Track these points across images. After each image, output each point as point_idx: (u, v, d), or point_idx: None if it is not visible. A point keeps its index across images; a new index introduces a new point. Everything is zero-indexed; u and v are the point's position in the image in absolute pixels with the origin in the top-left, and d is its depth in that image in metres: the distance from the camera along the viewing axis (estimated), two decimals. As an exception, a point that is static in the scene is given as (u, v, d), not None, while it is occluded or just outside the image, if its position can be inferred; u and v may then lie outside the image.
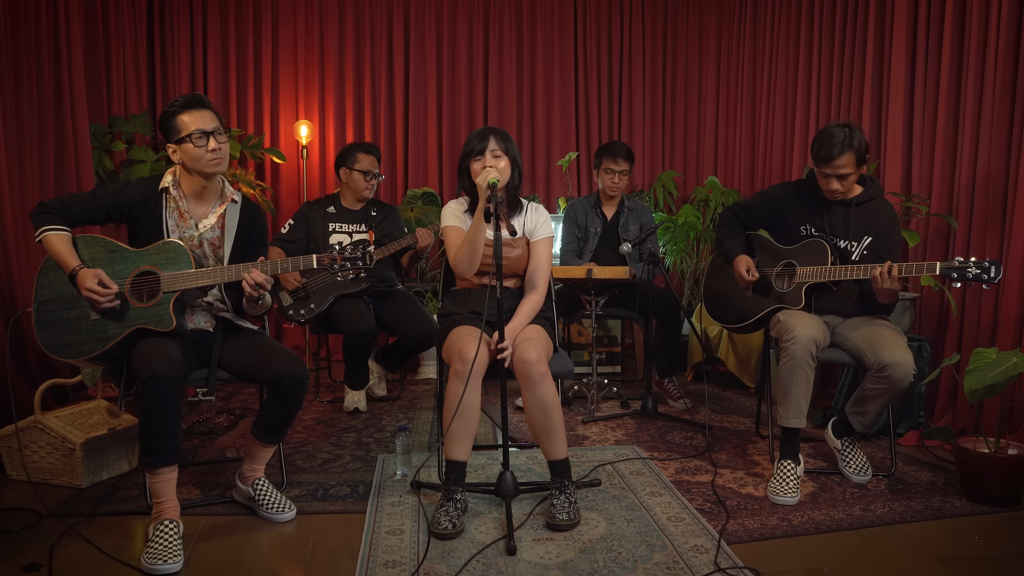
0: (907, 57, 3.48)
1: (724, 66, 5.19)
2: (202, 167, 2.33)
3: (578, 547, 2.16)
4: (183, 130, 2.29)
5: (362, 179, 3.67)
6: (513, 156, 2.55)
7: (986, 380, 2.43)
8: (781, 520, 2.36)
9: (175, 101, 2.32)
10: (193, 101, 2.31)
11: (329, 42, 4.89)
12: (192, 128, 2.28)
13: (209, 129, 2.29)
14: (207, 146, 2.29)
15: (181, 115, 2.29)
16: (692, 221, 4.67)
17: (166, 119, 2.31)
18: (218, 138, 2.31)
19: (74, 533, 2.24)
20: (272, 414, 2.36)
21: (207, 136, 2.29)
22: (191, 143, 2.28)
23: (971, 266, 2.33)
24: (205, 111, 2.31)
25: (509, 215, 2.59)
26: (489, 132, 2.53)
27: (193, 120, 2.29)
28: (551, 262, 2.64)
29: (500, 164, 2.50)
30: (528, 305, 2.54)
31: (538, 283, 2.58)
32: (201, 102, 2.32)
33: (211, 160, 2.31)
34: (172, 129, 2.31)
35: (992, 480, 2.46)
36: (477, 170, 2.50)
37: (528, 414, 2.38)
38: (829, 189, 2.69)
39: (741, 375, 4.03)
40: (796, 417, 2.58)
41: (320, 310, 3.56)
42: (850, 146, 2.60)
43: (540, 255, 2.59)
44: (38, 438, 2.67)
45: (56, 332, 2.31)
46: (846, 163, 2.62)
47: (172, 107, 2.31)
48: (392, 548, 2.17)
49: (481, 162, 2.50)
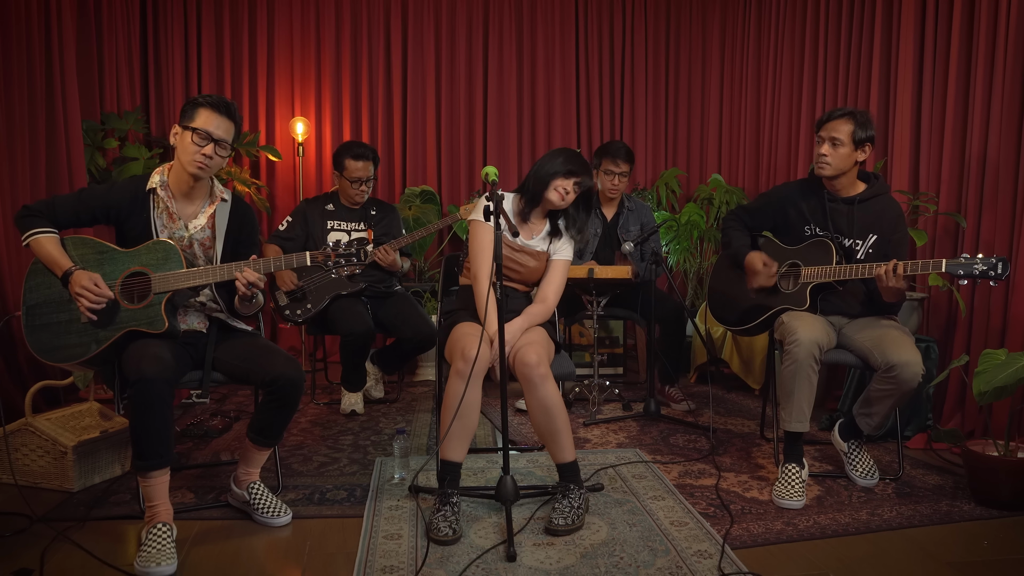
0: (915, 52, 3.45)
1: (728, 61, 5.14)
2: (185, 162, 2.30)
3: (579, 552, 2.14)
4: (194, 121, 2.27)
5: (350, 187, 3.63)
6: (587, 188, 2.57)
7: (995, 382, 2.41)
8: (786, 525, 2.34)
9: (210, 95, 2.31)
10: (222, 104, 2.29)
11: (326, 37, 4.85)
12: (201, 126, 2.26)
13: (216, 136, 2.27)
14: (202, 148, 2.27)
15: (203, 108, 2.27)
16: (695, 220, 4.63)
17: (191, 103, 2.30)
18: (218, 148, 2.29)
19: (65, 538, 2.21)
20: (267, 416, 2.33)
21: (209, 140, 2.26)
22: (192, 136, 2.26)
23: (978, 263, 2.31)
24: (226, 119, 2.29)
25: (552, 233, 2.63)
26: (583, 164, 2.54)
27: (208, 120, 2.26)
28: (564, 283, 2.67)
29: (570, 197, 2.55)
30: (536, 309, 2.56)
31: (548, 297, 2.61)
32: (229, 111, 2.30)
33: (197, 161, 2.28)
34: (187, 114, 2.29)
35: (1001, 484, 2.44)
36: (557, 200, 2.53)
37: (532, 417, 2.36)
38: (818, 154, 2.66)
39: (746, 377, 3.99)
40: (799, 421, 2.56)
41: (317, 310, 3.53)
42: (850, 114, 2.60)
43: (556, 272, 2.64)
44: (29, 441, 2.64)
45: (46, 336, 2.28)
46: (841, 129, 2.60)
47: (203, 97, 2.30)
48: (390, 553, 2.14)
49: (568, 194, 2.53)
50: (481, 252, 2.52)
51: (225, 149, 2.30)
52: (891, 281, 2.42)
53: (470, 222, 2.59)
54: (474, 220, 2.56)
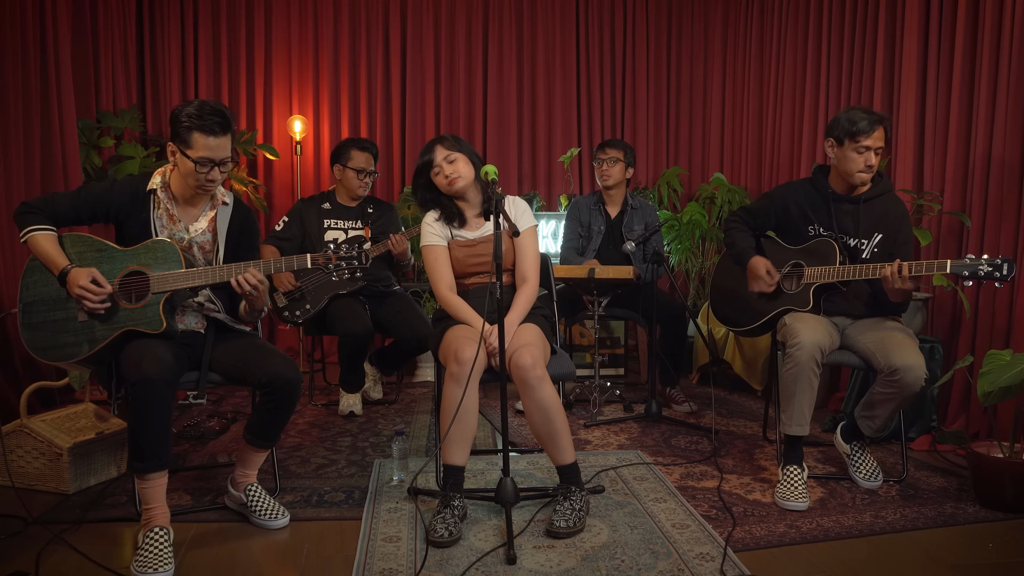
0: (919, 48, 3.42)
1: (730, 58, 5.11)
2: (190, 184, 2.28)
3: (580, 555, 2.12)
4: (191, 148, 2.20)
5: (355, 177, 3.62)
6: (468, 151, 2.55)
7: (1000, 383, 2.41)
8: (789, 527, 2.33)
9: (196, 111, 2.18)
10: (214, 124, 2.18)
11: (324, 34, 4.82)
12: (201, 153, 2.20)
13: (217, 160, 2.22)
14: (207, 174, 2.23)
15: (197, 133, 2.18)
16: (697, 219, 4.61)
17: (180, 124, 2.19)
18: (222, 167, 2.25)
19: (61, 541, 2.20)
20: (265, 418, 2.32)
21: (212, 165, 2.23)
22: (192, 164, 2.21)
23: (983, 264, 2.29)
24: (222, 138, 2.21)
25: (486, 211, 2.59)
26: (434, 143, 2.54)
27: (205, 145, 2.19)
28: (538, 251, 2.62)
29: (459, 166, 2.51)
30: (523, 298, 2.53)
31: (528, 274, 2.56)
32: (223, 126, 2.20)
33: (204, 186, 2.26)
34: (181, 137, 2.21)
35: (1006, 486, 2.42)
36: (441, 182, 2.52)
37: (530, 420, 2.34)
38: (867, 165, 2.60)
39: (748, 378, 3.97)
40: (799, 425, 2.55)
41: (315, 310, 3.51)
42: (880, 121, 2.58)
43: (527, 246, 2.57)
44: (24, 442, 2.63)
45: (42, 334, 2.27)
46: (881, 136, 2.58)
47: (191, 118, 2.18)
48: (388, 556, 2.13)
49: (440, 174, 2.51)
50: (436, 268, 2.54)
51: (228, 163, 2.27)
52: (897, 283, 2.40)
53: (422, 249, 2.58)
54: (424, 246, 2.57)
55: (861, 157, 2.60)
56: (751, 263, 2.80)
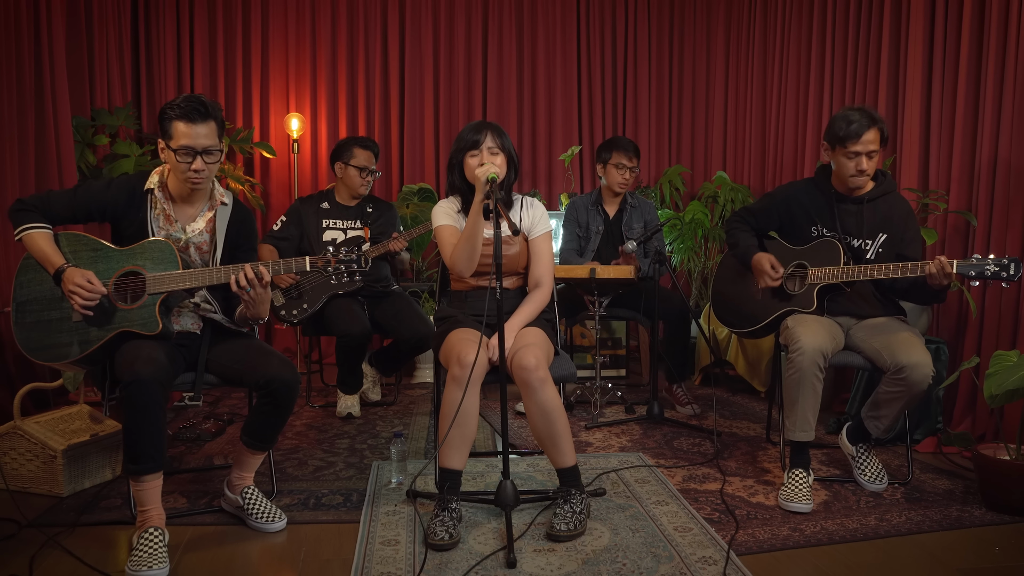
0: (924, 47, 3.39)
1: (733, 55, 5.07)
2: (179, 179, 2.25)
3: (581, 559, 2.11)
4: (173, 138, 2.18)
5: (357, 175, 3.59)
6: (509, 152, 2.49)
7: (1007, 384, 2.39)
8: (793, 530, 2.31)
9: (177, 102, 2.18)
10: (193, 111, 2.15)
11: (321, 31, 4.79)
12: (181, 142, 2.17)
13: (199, 148, 2.18)
14: (191, 164, 2.20)
15: (177, 121, 2.17)
16: (700, 218, 4.58)
17: (164, 116, 2.19)
18: (206, 157, 2.20)
19: (55, 544, 2.19)
20: (261, 420, 2.30)
21: (194, 155, 2.19)
22: (176, 155, 2.19)
23: (989, 263, 2.28)
24: (202, 125, 2.17)
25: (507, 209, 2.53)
26: (485, 127, 2.46)
27: (186, 133, 2.16)
28: (553, 257, 2.59)
29: (497, 161, 2.44)
30: (533, 302, 2.49)
31: (543, 280, 2.53)
32: (202, 112, 2.16)
33: (190, 179, 2.23)
34: (164, 130, 2.20)
35: (1013, 488, 2.41)
36: (473, 166, 2.43)
37: (531, 422, 2.32)
38: (859, 170, 2.58)
39: (751, 379, 3.95)
40: (803, 430, 2.53)
41: (313, 310, 3.48)
42: (874, 122, 2.55)
43: (542, 251, 2.54)
44: (17, 445, 2.61)
45: (36, 334, 2.26)
46: (874, 139, 2.55)
47: (172, 108, 2.17)
48: (387, 559, 2.12)
49: (478, 158, 2.43)
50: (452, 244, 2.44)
51: (214, 154, 2.22)
52: (943, 279, 2.36)
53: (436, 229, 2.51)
54: (438, 226, 2.50)
55: (852, 162, 2.58)
56: (755, 259, 2.78)
